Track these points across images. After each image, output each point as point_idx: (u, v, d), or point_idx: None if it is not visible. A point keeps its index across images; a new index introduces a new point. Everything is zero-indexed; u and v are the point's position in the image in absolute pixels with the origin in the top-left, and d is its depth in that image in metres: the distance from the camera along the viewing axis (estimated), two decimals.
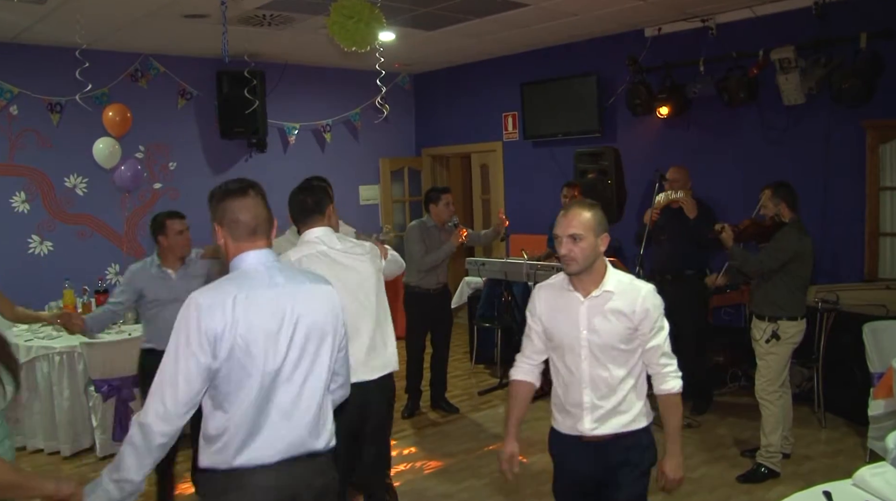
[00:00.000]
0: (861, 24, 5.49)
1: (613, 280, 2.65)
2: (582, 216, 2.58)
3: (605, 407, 2.65)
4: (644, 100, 6.76)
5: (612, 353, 2.63)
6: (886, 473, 2.27)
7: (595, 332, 2.62)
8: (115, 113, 6.79)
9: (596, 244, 2.58)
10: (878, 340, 4.54)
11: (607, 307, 2.61)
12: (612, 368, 2.63)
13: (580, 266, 2.57)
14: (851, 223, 5.82)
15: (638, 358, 2.68)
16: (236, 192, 2.33)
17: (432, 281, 5.75)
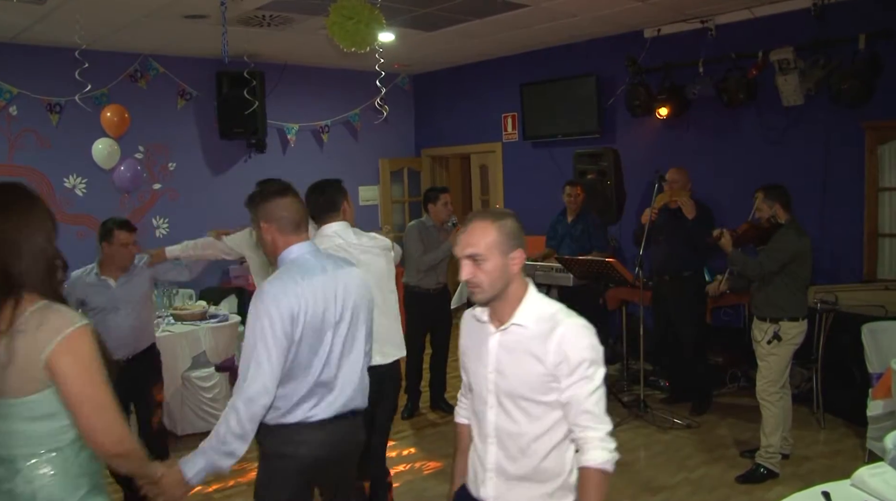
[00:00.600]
0: (860, 24, 5.50)
1: (530, 310, 2.12)
2: (483, 231, 2.08)
3: (513, 471, 2.12)
4: (643, 101, 6.77)
5: (524, 404, 2.09)
6: (885, 473, 2.27)
7: (503, 375, 2.12)
8: (113, 113, 6.80)
9: (504, 264, 2.08)
10: (876, 341, 4.55)
11: (519, 345, 2.10)
12: (523, 423, 2.10)
13: (487, 293, 2.09)
14: (850, 224, 5.83)
15: (564, 415, 2.10)
16: (280, 193, 2.64)
17: (432, 281, 5.75)
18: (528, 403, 2.08)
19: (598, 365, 2.07)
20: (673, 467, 4.67)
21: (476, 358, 2.20)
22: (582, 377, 2.03)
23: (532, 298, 2.14)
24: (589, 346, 2.06)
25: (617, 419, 5.45)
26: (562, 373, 2.03)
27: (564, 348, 2.03)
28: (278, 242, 2.59)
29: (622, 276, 5.40)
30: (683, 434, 5.23)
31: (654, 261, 5.73)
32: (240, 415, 2.35)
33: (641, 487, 4.40)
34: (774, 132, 6.20)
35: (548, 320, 2.09)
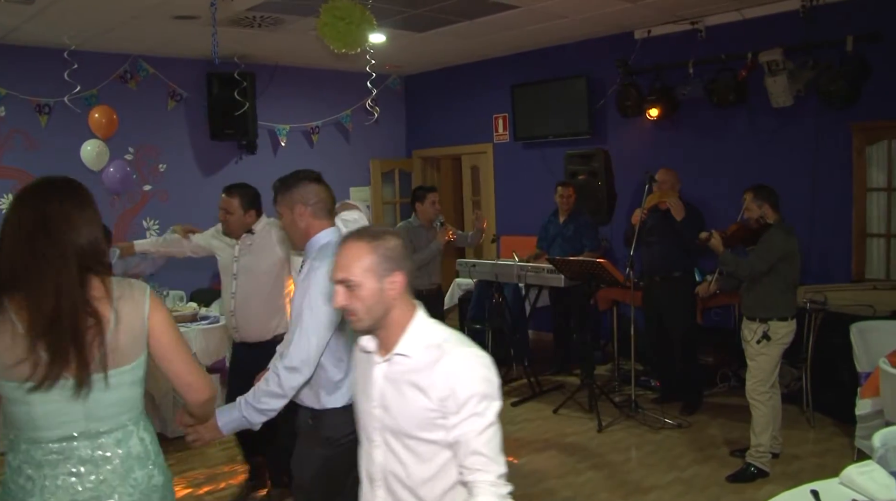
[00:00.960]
0: (847, 27, 5.54)
1: (416, 338, 1.92)
2: (357, 253, 1.89)
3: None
4: (634, 102, 6.79)
5: (411, 443, 1.90)
6: (873, 472, 2.29)
7: (388, 410, 1.93)
8: (102, 115, 6.77)
9: (381, 289, 1.88)
10: (865, 340, 4.58)
11: (403, 377, 1.91)
12: (411, 464, 1.91)
13: (364, 322, 1.91)
14: (839, 224, 5.87)
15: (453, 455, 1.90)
16: (315, 179, 2.77)
17: (425, 281, 5.75)
18: (415, 442, 1.89)
19: (492, 400, 1.87)
20: (664, 466, 4.69)
21: (362, 392, 2.03)
22: (472, 413, 1.82)
23: (418, 324, 1.94)
24: (481, 378, 1.86)
25: (609, 418, 5.47)
26: (449, 409, 1.83)
27: (452, 381, 1.83)
28: (312, 227, 2.69)
29: (613, 277, 5.42)
30: (674, 433, 5.25)
31: (645, 262, 5.75)
32: (280, 380, 2.49)
33: (633, 486, 4.41)
34: (764, 133, 6.24)
35: (435, 349, 1.89)
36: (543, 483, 4.54)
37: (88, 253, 1.91)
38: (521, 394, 6.28)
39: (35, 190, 1.97)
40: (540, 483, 4.55)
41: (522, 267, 6.21)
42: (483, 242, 8.75)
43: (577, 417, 5.66)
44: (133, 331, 1.94)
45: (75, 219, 1.92)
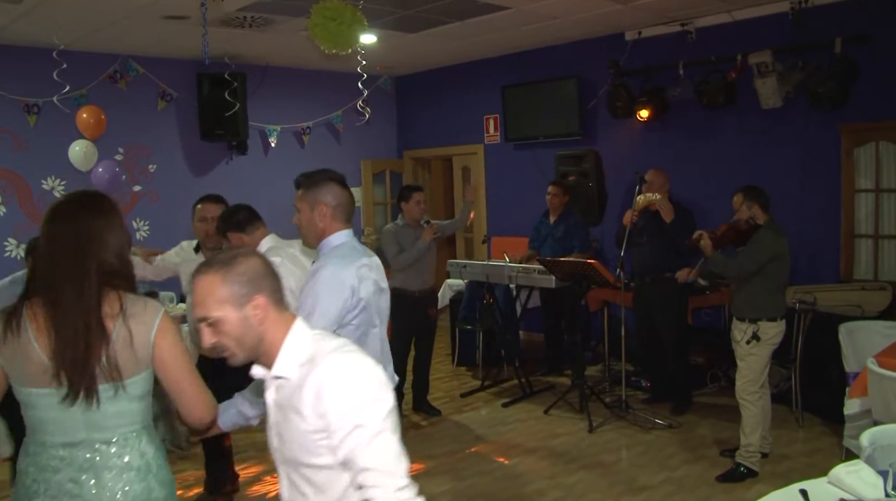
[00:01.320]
0: (836, 29, 5.58)
1: (290, 356, 1.77)
2: (209, 287, 1.74)
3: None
4: (624, 103, 6.81)
5: (306, 472, 1.77)
6: (861, 471, 2.30)
7: (281, 439, 1.82)
8: (90, 115, 6.73)
9: (245, 318, 1.74)
10: (853, 340, 4.61)
11: (285, 400, 1.78)
12: (311, 495, 1.78)
13: (240, 356, 1.78)
14: (827, 224, 5.90)
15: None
16: (342, 182, 2.82)
17: (417, 282, 5.73)
18: (309, 470, 1.75)
19: (373, 405, 1.67)
20: (655, 467, 4.70)
21: (267, 423, 1.90)
22: (354, 426, 1.65)
23: (292, 342, 1.78)
24: (353, 385, 1.68)
25: (600, 419, 5.48)
26: (329, 427, 1.67)
27: (323, 395, 1.67)
28: (329, 228, 2.75)
29: (604, 278, 5.43)
30: (665, 434, 5.27)
31: (636, 263, 5.77)
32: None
33: (624, 487, 4.42)
34: (753, 134, 6.26)
35: (308, 364, 1.74)
36: (534, 483, 4.54)
37: (114, 269, 2.04)
38: (512, 395, 6.29)
39: (69, 206, 2.09)
40: (530, 483, 4.55)
41: (513, 267, 6.22)
42: (475, 243, 8.77)
43: (568, 418, 5.67)
44: (138, 350, 2.00)
45: (106, 235, 2.04)
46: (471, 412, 6.01)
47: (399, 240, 5.70)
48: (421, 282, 5.75)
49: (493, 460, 4.95)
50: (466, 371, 7.21)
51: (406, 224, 5.78)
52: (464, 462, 4.93)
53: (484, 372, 6.83)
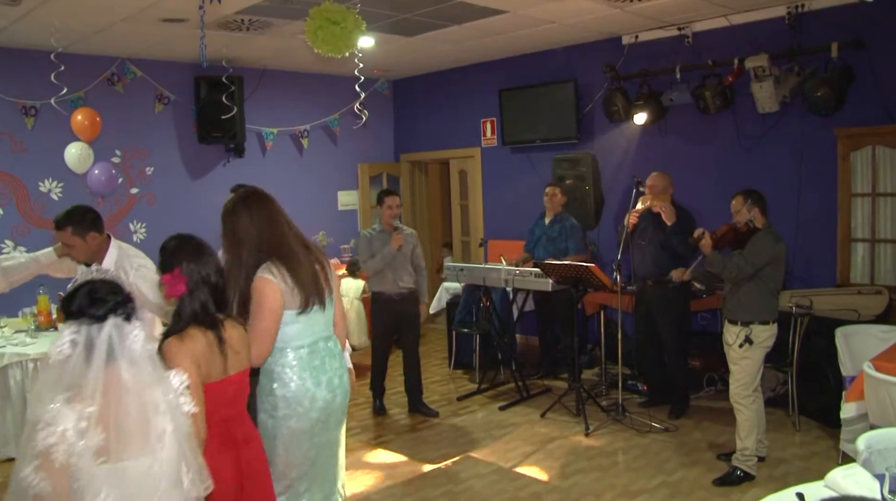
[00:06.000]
0: (832, 34, 5.60)
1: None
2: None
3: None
4: (621, 107, 6.82)
5: None
6: (857, 475, 2.31)
7: None
8: (85, 117, 6.71)
9: None
10: (849, 344, 4.62)
11: None
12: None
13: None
14: (824, 229, 5.91)
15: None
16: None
17: (392, 286, 5.76)
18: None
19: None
20: (651, 470, 4.70)
21: None
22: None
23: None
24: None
25: (596, 422, 5.48)
26: None
27: None
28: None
29: (601, 281, 5.43)
30: (661, 437, 5.27)
31: (638, 266, 5.77)
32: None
33: (620, 491, 4.42)
34: (750, 138, 6.28)
35: None
36: (530, 487, 4.54)
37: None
38: (509, 398, 6.28)
39: (257, 196, 3.04)
40: (527, 487, 4.55)
41: (510, 271, 6.22)
42: (471, 247, 8.78)
43: (565, 421, 5.67)
44: (334, 277, 3.11)
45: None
46: (467, 415, 6.01)
47: (372, 245, 5.75)
48: (396, 286, 5.76)
49: (490, 463, 4.95)
50: (463, 374, 7.21)
51: (382, 229, 5.80)
52: (460, 466, 4.92)
53: (480, 375, 6.83)
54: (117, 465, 1.76)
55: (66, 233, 3.66)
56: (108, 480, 1.74)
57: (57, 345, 1.82)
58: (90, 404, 1.76)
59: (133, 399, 1.81)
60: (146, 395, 1.83)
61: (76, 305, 1.87)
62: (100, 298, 1.89)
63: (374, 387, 6.08)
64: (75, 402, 1.74)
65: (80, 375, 1.78)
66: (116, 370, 1.82)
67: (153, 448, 1.82)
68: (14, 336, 5.42)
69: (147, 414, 1.81)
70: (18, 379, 5.04)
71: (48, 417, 1.71)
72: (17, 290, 6.31)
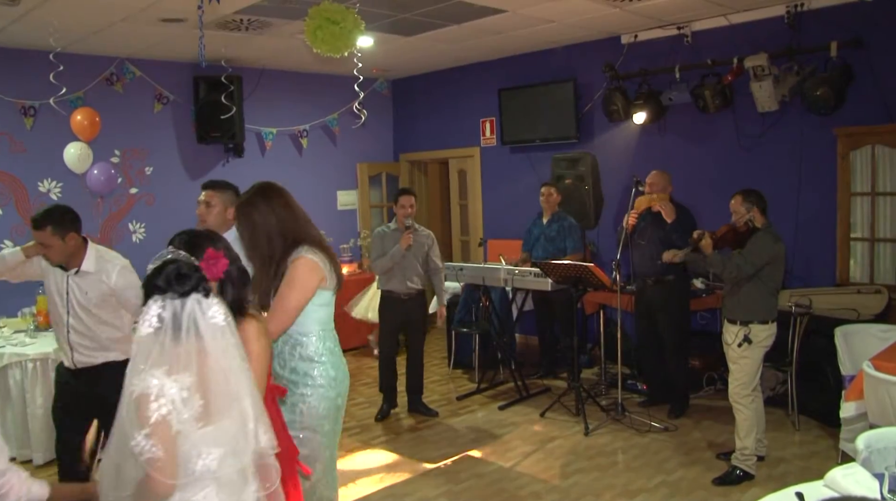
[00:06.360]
0: (831, 33, 5.60)
1: None
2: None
3: None
4: (620, 107, 6.82)
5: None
6: (857, 474, 2.31)
7: None
8: (84, 117, 6.70)
9: None
10: (849, 344, 4.62)
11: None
12: None
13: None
14: (823, 228, 5.91)
15: None
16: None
17: (402, 286, 5.74)
18: None
19: None
20: (651, 470, 4.70)
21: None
22: None
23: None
24: None
25: (596, 422, 5.49)
26: None
27: None
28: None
29: (600, 281, 5.43)
30: (661, 437, 5.27)
31: (638, 264, 5.76)
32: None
33: (619, 490, 4.42)
34: (749, 137, 6.28)
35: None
36: (530, 486, 4.54)
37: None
38: (508, 398, 6.28)
39: (273, 187, 3.12)
40: (526, 486, 4.55)
41: (509, 270, 6.22)
42: (471, 246, 8.78)
43: (564, 421, 5.67)
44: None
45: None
46: (467, 415, 6.01)
47: (384, 243, 5.74)
48: (405, 285, 5.75)
49: (489, 463, 4.95)
50: (462, 373, 7.21)
51: (396, 228, 5.79)
52: (460, 465, 4.92)
53: (480, 374, 6.83)
54: (213, 427, 1.94)
55: (45, 233, 3.54)
56: (207, 441, 1.93)
57: (145, 319, 1.94)
58: (187, 375, 1.91)
59: (219, 366, 1.97)
60: (228, 361, 2.00)
61: (162, 281, 1.99)
62: (185, 274, 2.00)
63: (384, 389, 5.99)
64: (173, 374, 1.89)
65: (171, 348, 1.91)
66: (202, 341, 1.96)
67: (239, 409, 2.01)
68: (14, 336, 5.42)
69: (230, 378, 1.99)
70: (18, 378, 5.04)
71: (155, 390, 1.85)
72: (17, 291, 6.33)
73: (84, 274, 3.67)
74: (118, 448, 1.93)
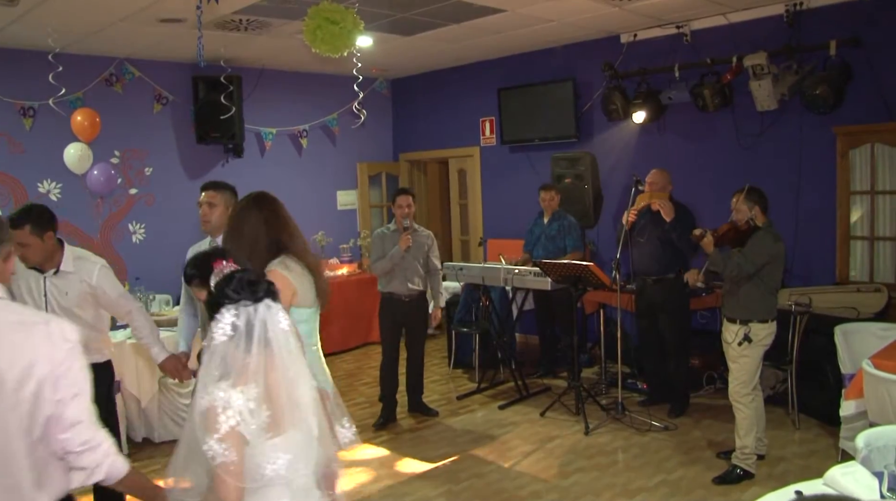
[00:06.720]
0: (830, 32, 5.60)
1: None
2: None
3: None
4: (620, 106, 6.82)
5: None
6: (856, 472, 2.31)
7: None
8: (84, 118, 6.71)
9: None
10: (849, 342, 4.62)
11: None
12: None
13: None
14: (823, 227, 5.91)
15: None
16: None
17: (402, 287, 5.69)
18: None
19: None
20: (651, 469, 4.70)
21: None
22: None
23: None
24: None
25: (596, 421, 5.49)
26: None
27: None
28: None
29: (600, 280, 5.43)
30: (661, 436, 5.27)
31: (638, 263, 5.76)
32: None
33: (620, 489, 4.42)
34: (748, 136, 6.28)
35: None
36: (530, 486, 4.54)
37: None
38: (508, 397, 6.28)
39: (266, 197, 3.15)
40: (527, 486, 4.55)
41: (509, 270, 6.22)
42: (471, 246, 8.78)
43: (564, 420, 5.67)
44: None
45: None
46: (467, 414, 6.01)
47: (384, 244, 5.69)
48: (406, 287, 5.69)
49: (489, 462, 4.95)
50: (462, 373, 7.21)
51: (396, 229, 5.75)
52: (460, 465, 4.92)
53: (480, 374, 6.83)
54: (281, 438, 1.97)
55: (24, 232, 3.43)
56: (276, 449, 1.95)
57: (219, 327, 1.96)
58: (254, 386, 1.93)
59: (285, 377, 2.00)
60: (293, 369, 2.02)
61: (234, 289, 2.01)
62: (255, 281, 2.04)
63: (384, 398, 5.84)
64: (239, 385, 1.92)
65: (242, 358, 1.94)
66: (272, 349, 1.98)
67: (303, 417, 2.03)
68: None
69: (294, 388, 2.01)
70: None
71: (222, 402, 1.88)
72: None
73: (63, 275, 3.60)
74: (187, 454, 1.96)
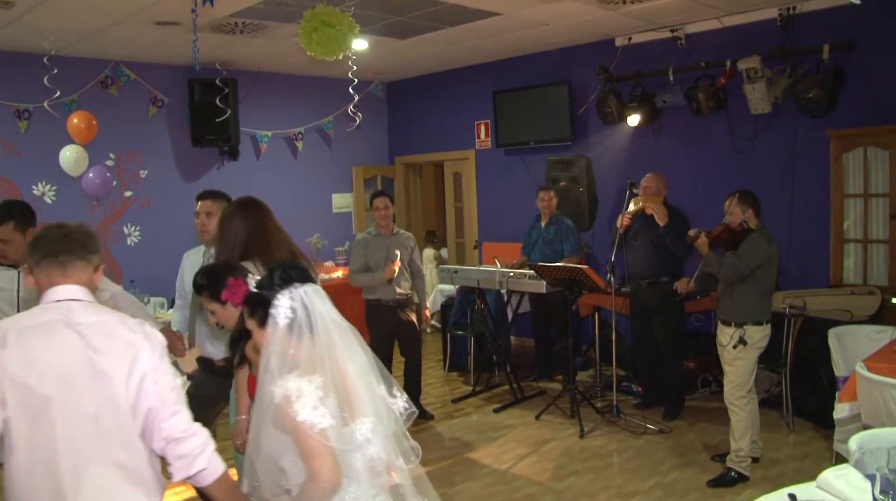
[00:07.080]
0: (824, 35, 5.62)
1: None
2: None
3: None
4: (615, 109, 6.84)
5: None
6: (849, 475, 2.32)
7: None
8: (80, 120, 6.71)
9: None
10: (843, 345, 4.63)
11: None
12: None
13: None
14: (817, 229, 5.93)
15: None
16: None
17: (389, 293, 5.60)
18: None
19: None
20: (646, 472, 4.71)
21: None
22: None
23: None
24: None
25: (591, 424, 5.49)
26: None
27: None
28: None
29: (595, 283, 5.44)
30: (656, 439, 5.28)
31: (632, 266, 5.77)
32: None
33: (615, 492, 4.43)
34: (743, 139, 6.30)
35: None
36: (525, 489, 4.54)
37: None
38: (503, 400, 6.28)
39: (252, 204, 3.22)
40: (522, 489, 4.55)
41: (504, 273, 6.22)
42: (466, 249, 8.78)
43: (559, 423, 5.68)
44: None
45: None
46: (462, 417, 6.01)
47: (367, 251, 5.61)
48: (393, 292, 5.61)
49: (485, 465, 4.95)
50: (458, 376, 7.21)
51: (378, 233, 5.69)
52: (455, 468, 4.92)
53: (475, 377, 6.83)
54: (355, 424, 2.04)
55: (8, 228, 3.39)
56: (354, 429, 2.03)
57: (279, 312, 2.03)
58: (319, 375, 1.99)
59: (346, 368, 2.06)
60: (353, 358, 2.08)
61: (279, 278, 2.08)
62: (295, 266, 2.11)
63: None
64: (305, 376, 1.97)
65: (307, 349, 2.01)
66: (331, 335, 2.05)
67: (374, 401, 2.10)
68: None
69: (357, 377, 2.08)
70: None
71: (295, 393, 1.93)
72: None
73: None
74: (267, 458, 2.04)
